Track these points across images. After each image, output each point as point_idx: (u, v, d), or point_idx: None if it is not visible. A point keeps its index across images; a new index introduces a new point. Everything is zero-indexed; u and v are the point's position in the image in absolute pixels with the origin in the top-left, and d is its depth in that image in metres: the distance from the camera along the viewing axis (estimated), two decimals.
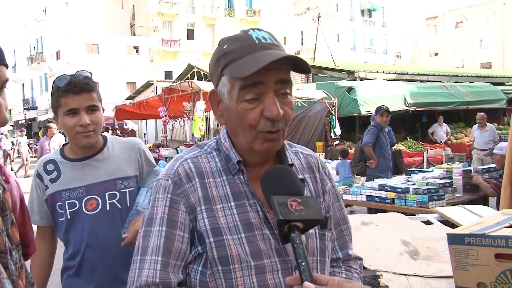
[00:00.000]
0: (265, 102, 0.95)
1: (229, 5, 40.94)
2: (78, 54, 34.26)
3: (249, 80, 0.94)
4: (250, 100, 0.95)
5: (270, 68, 0.92)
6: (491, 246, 1.10)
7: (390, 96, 12.22)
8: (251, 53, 0.94)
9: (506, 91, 15.50)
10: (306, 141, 13.20)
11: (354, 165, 6.45)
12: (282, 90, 0.97)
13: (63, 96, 1.70)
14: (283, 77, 0.96)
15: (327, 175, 1.18)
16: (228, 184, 1.01)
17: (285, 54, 0.94)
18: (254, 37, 0.97)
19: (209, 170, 1.02)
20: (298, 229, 0.80)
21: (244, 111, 0.96)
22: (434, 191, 3.91)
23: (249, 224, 0.97)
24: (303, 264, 0.76)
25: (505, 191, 2.35)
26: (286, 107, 0.97)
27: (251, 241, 0.95)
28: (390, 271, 1.71)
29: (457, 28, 51.18)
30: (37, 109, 41.99)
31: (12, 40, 48.10)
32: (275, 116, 0.94)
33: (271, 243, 0.97)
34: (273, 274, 0.95)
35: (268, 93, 0.95)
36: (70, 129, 1.72)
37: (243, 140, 1.00)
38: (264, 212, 0.98)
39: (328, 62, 18.20)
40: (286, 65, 0.96)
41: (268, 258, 0.95)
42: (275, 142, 0.99)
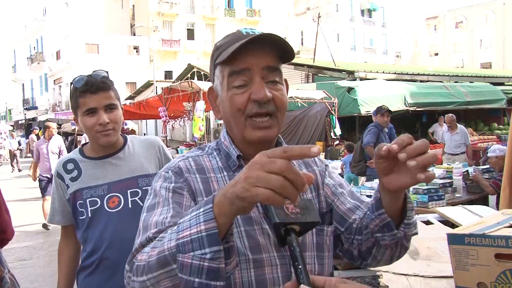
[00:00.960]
0: (252, 87, 0.97)
1: (229, 5, 40.95)
2: (78, 54, 34.27)
3: (235, 66, 0.96)
4: (238, 86, 0.97)
5: (255, 54, 0.95)
6: (491, 246, 1.10)
7: (390, 96, 12.22)
8: (237, 41, 0.96)
9: (506, 91, 15.51)
10: (306, 141, 13.21)
11: (354, 165, 6.45)
12: (270, 77, 0.98)
13: (81, 96, 1.72)
14: (269, 64, 0.97)
15: (326, 168, 1.19)
16: (229, 179, 1.01)
17: (263, 33, 0.94)
18: (243, 32, 1.00)
19: (210, 167, 1.04)
20: (295, 232, 0.80)
21: (234, 96, 0.98)
22: (434, 191, 3.92)
23: (249, 219, 0.97)
24: (299, 267, 0.76)
25: (504, 191, 2.36)
26: (276, 92, 0.98)
27: (250, 235, 0.96)
28: (390, 271, 1.71)
29: (457, 28, 51.19)
30: (37, 109, 42.01)
31: (12, 40, 48.11)
32: (262, 97, 0.95)
33: (270, 238, 0.97)
34: (271, 268, 0.96)
35: (255, 78, 0.96)
36: (90, 129, 1.74)
37: (236, 131, 1.02)
38: (263, 207, 0.99)
39: (328, 62, 18.20)
40: (272, 51, 0.97)
41: (267, 252, 0.96)
42: (267, 130, 0.99)
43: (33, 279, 4.98)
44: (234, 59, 0.96)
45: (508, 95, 15.26)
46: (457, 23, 51.25)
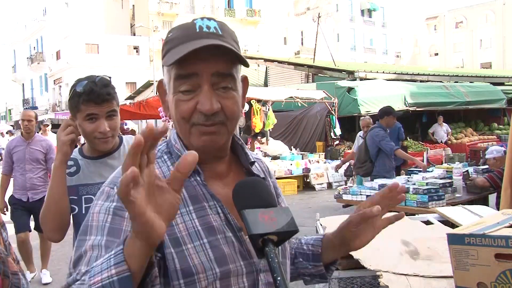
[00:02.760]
0: (200, 95, 0.89)
1: (229, 5, 40.95)
2: (78, 54, 34.27)
3: (183, 70, 0.89)
4: (184, 91, 0.90)
5: (205, 59, 0.87)
6: (491, 246, 1.10)
7: (390, 96, 12.22)
8: (186, 42, 0.88)
9: (506, 91, 15.51)
10: (306, 141, 13.22)
11: (359, 166, 6.28)
12: (222, 83, 0.90)
13: (84, 103, 1.71)
14: (220, 70, 0.89)
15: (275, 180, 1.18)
16: (184, 187, 0.88)
17: (213, 43, 0.86)
18: (197, 26, 0.90)
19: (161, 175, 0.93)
20: (273, 242, 0.77)
21: (178, 102, 0.90)
22: (434, 191, 3.92)
23: (211, 228, 0.90)
24: (278, 278, 0.73)
25: (505, 192, 2.36)
26: (226, 101, 0.91)
27: (214, 245, 0.89)
28: (390, 271, 1.71)
29: (457, 28, 51.19)
30: (37, 109, 41.98)
31: (12, 40, 48.11)
32: (207, 110, 0.88)
33: (234, 246, 0.91)
34: (237, 278, 0.90)
35: (203, 86, 0.89)
36: (88, 134, 1.76)
37: (181, 135, 0.95)
38: (225, 214, 0.93)
39: (328, 62, 18.20)
40: (224, 56, 0.89)
41: (233, 262, 0.90)
42: (214, 136, 0.92)
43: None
44: (182, 62, 0.87)
45: (508, 95, 15.27)
46: (457, 23, 51.26)
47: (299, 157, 11.57)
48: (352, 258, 1.91)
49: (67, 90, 37.32)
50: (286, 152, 11.91)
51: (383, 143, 5.67)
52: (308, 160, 11.38)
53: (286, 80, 17.81)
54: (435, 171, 5.08)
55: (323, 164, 11.35)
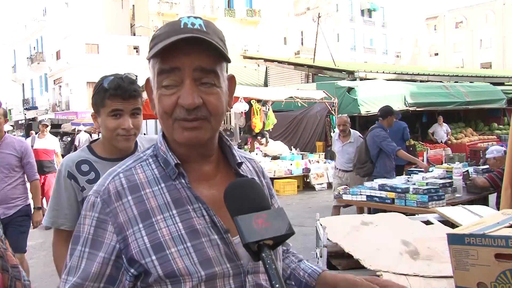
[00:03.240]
0: (181, 89, 0.89)
1: (229, 5, 40.94)
2: (78, 54, 34.27)
3: (165, 64, 0.89)
4: (167, 86, 0.90)
5: (187, 53, 0.87)
6: (491, 246, 1.10)
7: (390, 96, 12.21)
8: (169, 37, 0.88)
9: (506, 91, 15.51)
10: (306, 141, 13.22)
11: (359, 166, 6.24)
12: (204, 79, 0.90)
13: (110, 98, 1.71)
14: (202, 65, 0.89)
15: (269, 180, 1.17)
16: (167, 191, 0.92)
17: (190, 35, 0.86)
18: (182, 23, 0.91)
19: (145, 181, 0.94)
20: (268, 246, 0.76)
21: (161, 97, 0.91)
22: (434, 191, 3.92)
23: (195, 231, 0.89)
24: (277, 286, 0.71)
25: (506, 192, 2.36)
26: (209, 97, 0.90)
27: (198, 249, 0.88)
28: (390, 271, 1.71)
29: (457, 28, 51.19)
30: (37, 109, 42.00)
31: (12, 40, 48.11)
32: (188, 105, 0.88)
33: (220, 248, 0.90)
34: (223, 280, 0.89)
35: (185, 80, 0.89)
36: (111, 130, 1.73)
37: (165, 131, 0.95)
38: (210, 216, 0.91)
39: (328, 62, 18.19)
40: (206, 51, 0.88)
41: (219, 265, 0.89)
42: (196, 131, 0.91)
43: (33, 279, 4.98)
44: (164, 56, 0.88)
45: (508, 95, 15.27)
46: (457, 23, 51.25)
47: (299, 157, 11.58)
48: (352, 258, 1.91)
49: (67, 90, 37.19)
50: (286, 152, 11.91)
51: (384, 144, 5.65)
52: (308, 160, 11.38)
53: (286, 80, 17.80)
54: (435, 171, 5.08)
55: (323, 164, 11.35)
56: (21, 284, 1.08)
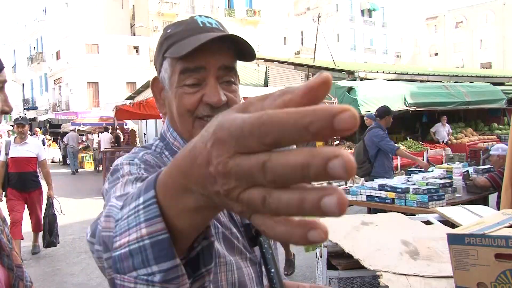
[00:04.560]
0: (206, 88, 0.89)
1: (229, 5, 40.95)
2: (78, 54, 34.28)
3: (190, 63, 0.88)
4: (190, 85, 0.90)
5: (213, 52, 0.88)
6: (491, 246, 1.10)
7: (390, 96, 12.21)
8: (194, 34, 0.88)
9: (506, 91, 15.51)
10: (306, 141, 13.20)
11: (358, 166, 6.26)
12: (226, 77, 0.91)
13: None
14: (226, 63, 0.90)
15: None
16: None
17: (227, 33, 0.88)
18: (199, 22, 0.92)
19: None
20: None
21: (183, 95, 0.90)
22: (434, 191, 3.92)
23: (220, 222, 0.92)
24: (272, 270, 0.71)
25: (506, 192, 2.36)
26: (230, 94, 0.92)
27: (226, 237, 0.90)
28: (390, 271, 1.71)
29: (457, 28, 51.19)
30: (37, 109, 41.99)
31: (12, 40, 48.11)
32: (216, 102, 0.88)
33: (239, 241, 0.93)
34: (247, 270, 0.92)
35: (210, 79, 0.89)
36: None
37: (183, 130, 0.94)
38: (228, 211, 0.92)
39: (328, 62, 18.19)
40: (229, 50, 0.90)
41: (239, 254, 0.91)
42: None
43: (33, 279, 4.97)
44: (189, 55, 0.87)
45: (508, 95, 15.26)
46: (457, 23, 51.26)
47: None
48: (352, 258, 1.91)
49: (67, 90, 37.13)
50: None
51: (383, 144, 5.65)
52: None
53: (286, 80, 17.80)
54: (435, 171, 5.08)
55: None
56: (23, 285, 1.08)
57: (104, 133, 18.35)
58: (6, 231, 1.12)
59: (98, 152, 17.89)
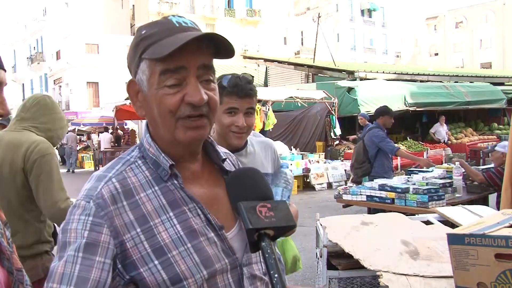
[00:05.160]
0: (187, 88, 0.89)
1: (229, 5, 40.95)
2: (78, 54, 34.27)
3: (170, 64, 0.88)
4: (171, 85, 0.89)
5: (192, 52, 0.88)
6: (491, 246, 1.10)
7: (390, 96, 12.22)
8: (172, 35, 0.88)
9: (506, 91, 15.52)
10: (306, 141, 13.22)
11: (357, 166, 6.23)
12: (205, 76, 0.92)
13: (227, 96, 1.76)
14: (206, 62, 0.91)
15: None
16: (162, 193, 0.92)
17: (206, 32, 0.88)
18: (174, 21, 0.92)
19: (138, 184, 0.92)
20: (269, 236, 0.76)
21: (164, 96, 0.89)
22: (434, 191, 3.91)
23: (193, 232, 0.90)
24: (275, 276, 0.71)
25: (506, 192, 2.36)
26: (210, 92, 0.92)
27: (198, 249, 0.89)
28: (390, 271, 1.71)
29: (457, 28, 51.19)
30: None
31: (12, 40, 48.11)
32: (198, 101, 0.89)
33: (217, 245, 0.92)
34: (222, 276, 0.91)
35: (190, 78, 0.89)
36: (225, 127, 1.79)
37: (164, 131, 0.93)
38: (205, 214, 0.92)
39: (328, 62, 18.19)
40: (208, 49, 0.91)
41: (219, 261, 0.91)
42: (199, 130, 0.92)
43: None
44: (169, 56, 0.86)
45: (508, 95, 15.27)
46: (457, 23, 51.25)
47: (299, 157, 11.57)
48: (352, 258, 1.91)
49: (67, 90, 37.08)
50: (286, 152, 11.91)
51: (383, 144, 5.65)
52: (308, 160, 11.38)
53: (286, 80, 17.81)
54: (435, 171, 5.07)
55: (323, 164, 11.35)
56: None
57: (104, 133, 18.35)
58: (7, 235, 1.12)
59: (98, 152, 17.88)
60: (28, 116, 2.26)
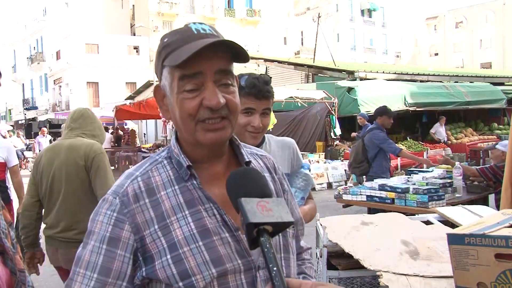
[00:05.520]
0: (205, 92, 0.94)
1: (229, 5, 40.94)
2: (78, 54, 34.29)
3: (188, 70, 0.93)
4: (190, 90, 0.94)
5: (208, 57, 0.92)
6: (491, 246, 1.10)
7: (390, 96, 12.22)
8: (189, 42, 0.93)
9: (506, 91, 15.51)
10: (306, 141, 13.21)
11: (355, 166, 6.26)
12: (223, 80, 0.96)
13: (245, 96, 1.78)
14: (222, 67, 0.95)
15: (283, 176, 1.20)
16: (180, 192, 0.97)
17: (220, 39, 0.92)
18: (193, 29, 0.96)
19: (160, 183, 0.99)
20: (268, 232, 0.78)
21: (184, 101, 0.95)
22: (434, 191, 3.91)
23: (206, 231, 0.94)
24: (274, 269, 0.73)
25: (506, 192, 2.36)
26: (229, 96, 0.96)
27: (210, 247, 0.93)
28: (390, 271, 1.71)
29: (457, 28, 51.18)
30: (37, 109, 42.00)
31: (12, 40, 48.11)
32: (215, 104, 0.93)
33: (231, 246, 0.95)
34: (235, 276, 0.93)
35: (207, 83, 0.94)
36: (241, 126, 1.81)
37: (186, 134, 0.98)
38: (221, 215, 0.96)
39: (328, 62, 18.19)
40: (224, 54, 0.95)
41: (230, 261, 0.93)
42: (219, 132, 0.96)
43: (33, 279, 4.97)
44: (186, 62, 0.91)
45: (508, 95, 15.26)
46: (457, 23, 51.24)
47: None
48: (352, 258, 1.91)
49: (67, 90, 37.10)
50: None
51: (385, 146, 5.67)
52: (308, 160, 11.38)
53: (286, 80, 17.81)
54: (435, 171, 5.07)
55: (323, 164, 11.35)
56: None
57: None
58: (11, 235, 1.13)
59: None
60: (77, 126, 2.86)
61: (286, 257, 1.05)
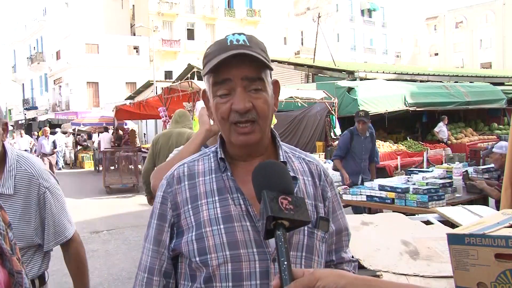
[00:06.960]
0: (234, 97, 1.04)
1: (229, 5, 40.94)
2: (78, 54, 34.28)
3: (218, 77, 1.05)
4: (221, 95, 1.06)
5: (236, 66, 1.03)
6: (491, 246, 1.10)
7: (390, 96, 12.21)
8: (222, 53, 1.03)
9: (506, 91, 15.49)
10: (306, 141, 13.21)
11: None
12: (252, 86, 1.05)
13: None
14: (248, 74, 1.04)
15: (329, 184, 1.22)
16: (215, 181, 1.10)
17: (238, 51, 1.02)
18: (228, 40, 1.07)
19: (201, 171, 1.13)
20: (284, 227, 0.81)
21: (218, 105, 1.07)
22: (434, 191, 3.92)
23: (229, 216, 1.05)
24: (285, 263, 0.76)
25: (505, 192, 2.35)
26: (257, 101, 1.05)
27: (229, 231, 1.03)
28: (390, 271, 1.71)
29: (457, 28, 51.18)
30: (37, 109, 41.99)
31: (12, 40, 48.10)
32: (240, 109, 1.03)
33: (249, 234, 1.03)
34: (249, 263, 1.01)
35: (236, 88, 1.04)
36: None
37: (224, 134, 1.11)
38: (246, 206, 1.05)
39: (328, 62, 18.19)
40: (252, 62, 1.04)
41: (245, 248, 1.02)
42: (249, 135, 1.06)
43: None
44: (217, 70, 1.04)
45: (508, 95, 15.25)
46: (457, 23, 51.24)
47: None
48: None
49: (67, 90, 37.11)
50: None
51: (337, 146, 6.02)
52: None
53: (286, 80, 17.80)
54: (435, 171, 5.08)
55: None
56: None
57: (104, 133, 18.32)
58: (9, 236, 1.12)
59: (98, 152, 17.87)
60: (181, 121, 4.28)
61: (309, 257, 1.08)
